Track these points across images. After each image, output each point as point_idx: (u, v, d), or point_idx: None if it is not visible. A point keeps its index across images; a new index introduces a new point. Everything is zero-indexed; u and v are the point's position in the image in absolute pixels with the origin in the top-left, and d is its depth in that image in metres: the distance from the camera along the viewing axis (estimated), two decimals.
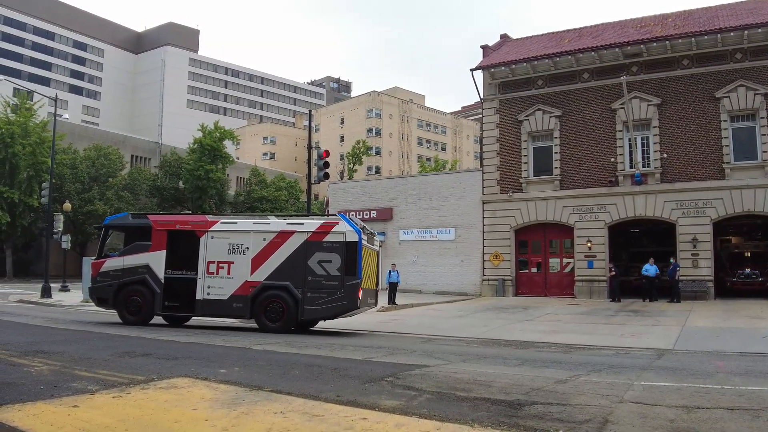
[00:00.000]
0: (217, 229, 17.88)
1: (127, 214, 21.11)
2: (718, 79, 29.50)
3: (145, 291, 17.96)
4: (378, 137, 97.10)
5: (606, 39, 32.88)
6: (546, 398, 8.27)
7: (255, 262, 17.30)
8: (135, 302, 18.10)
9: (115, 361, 11.03)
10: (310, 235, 17.07)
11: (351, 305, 16.91)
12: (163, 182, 62.64)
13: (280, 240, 17.22)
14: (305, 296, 16.80)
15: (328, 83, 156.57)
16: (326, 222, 17.52)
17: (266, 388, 8.50)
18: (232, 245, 17.53)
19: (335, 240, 16.92)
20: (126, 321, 18.13)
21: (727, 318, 21.07)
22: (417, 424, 6.69)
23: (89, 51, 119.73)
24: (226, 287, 17.36)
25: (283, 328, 16.91)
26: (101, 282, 18.63)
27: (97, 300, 18.93)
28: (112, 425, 6.54)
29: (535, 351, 14.22)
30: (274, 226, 17.72)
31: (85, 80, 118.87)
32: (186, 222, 18.79)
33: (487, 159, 35.09)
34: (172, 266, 17.93)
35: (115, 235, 19.75)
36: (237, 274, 17.35)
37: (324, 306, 16.81)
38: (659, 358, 12.91)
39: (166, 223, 18.62)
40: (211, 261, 17.59)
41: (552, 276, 33.01)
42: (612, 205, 31.15)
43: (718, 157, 29.21)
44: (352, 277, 16.80)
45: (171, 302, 17.82)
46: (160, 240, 18.08)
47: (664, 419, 7.18)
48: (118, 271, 18.31)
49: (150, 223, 18.55)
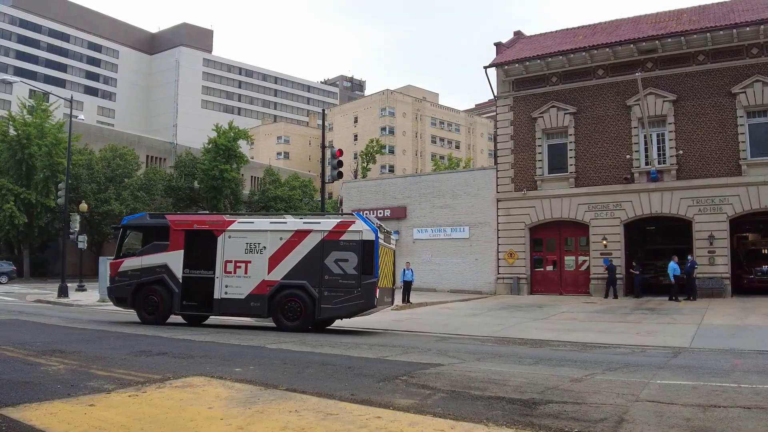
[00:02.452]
0: (234, 228, 17.94)
1: (145, 214, 21.13)
2: (734, 74, 29.21)
3: (163, 290, 18.06)
4: (391, 136, 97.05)
5: (620, 35, 32.66)
6: (561, 397, 8.24)
7: (272, 261, 17.34)
8: (152, 302, 18.21)
9: (131, 360, 11.11)
10: (327, 234, 17.09)
11: (368, 304, 16.93)
12: (179, 182, 62.96)
13: (296, 239, 17.25)
14: (322, 295, 16.83)
15: (341, 82, 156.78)
16: (343, 221, 17.53)
17: (281, 387, 8.53)
18: (249, 244, 17.59)
19: (352, 239, 16.94)
20: (144, 320, 18.27)
21: (744, 316, 20.88)
22: (431, 422, 6.68)
23: (104, 52, 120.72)
24: (243, 286, 17.43)
25: (301, 326, 16.95)
26: (120, 282, 18.76)
27: (116, 299, 19.04)
28: (128, 424, 6.59)
29: (550, 349, 14.16)
30: (290, 225, 17.77)
31: (100, 81, 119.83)
32: (203, 222, 18.88)
33: (502, 157, 34.98)
34: (190, 266, 18.04)
35: (132, 235, 19.87)
36: (254, 274, 17.41)
37: (341, 305, 16.83)
38: (675, 356, 12.82)
39: (184, 223, 18.70)
40: (229, 260, 17.65)
41: (567, 274, 32.84)
42: (627, 203, 30.94)
43: (734, 153, 28.94)
44: (369, 275, 16.79)
45: (189, 301, 17.93)
46: (178, 240, 18.18)
47: (680, 418, 7.12)
48: (136, 270, 18.44)
49: (168, 223, 18.64)
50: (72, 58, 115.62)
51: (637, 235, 35.15)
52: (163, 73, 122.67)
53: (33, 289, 38.85)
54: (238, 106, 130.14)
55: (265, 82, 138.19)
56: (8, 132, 52.47)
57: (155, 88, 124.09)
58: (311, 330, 17.32)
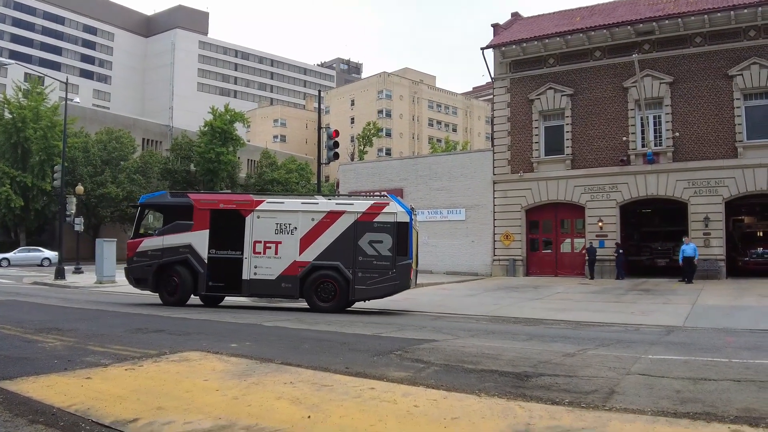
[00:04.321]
0: (264, 208, 17.69)
1: (165, 192, 20.64)
2: (731, 56, 29.15)
3: (187, 271, 17.65)
4: (388, 119, 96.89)
5: (618, 17, 32.55)
6: (553, 370, 8.33)
7: (304, 242, 17.22)
8: (174, 283, 17.82)
9: (128, 337, 11.19)
10: (361, 216, 17.08)
11: (403, 285, 17.15)
12: (175, 165, 62.84)
13: (329, 220, 17.18)
14: (356, 276, 16.85)
15: (338, 65, 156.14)
16: (377, 202, 17.53)
17: (276, 361, 8.61)
18: (280, 225, 17.40)
19: (386, 220, 16.98)
20: (166, 302, 17.89)
21: (738, 297, 21.00)
22: (424, 393, 6.77)
23: (99, 35, 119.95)
24: (273, 267, 17.24)
25: (336, 307, 16.94)
26: (139, 262, 18.16)
27: (135, 281, 18.39)
28: (124, 395, 6.66)
29: (544, 327, 14.27)
30: (322, 206, 17.62)
31: (96, 64, 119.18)
32: (230, 201, 18.53)
33: (498, 139, 34.96)
34: (216, 246, 17.64)
35: (150, 214, 19.60)
36: (285, 254, 17.25)
37: (376, 286, 16.89)
38: (668, 334, 12.93)
39: (209, 202, 18.31)
40: (258, 241, 17.42)
41: (563, 255, 32.97)
42: (624, 185, 30.99)
43: (730, 135, 28.95)
44: (404, 257, 16.95)
45: (216, 282, 17.59)
46: (203, 219, 17.76)
47: (670, 390, 7.22)
48: (157, 251, 17.93)
49: (191, 202, 18.24)
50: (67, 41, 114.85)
51: (633, 217, 35.27)
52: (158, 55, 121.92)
53: (30, 272, 38.87)
54: (234, 89, 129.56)
55: (262, 64, 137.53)
56: (3, 115, 52.24)
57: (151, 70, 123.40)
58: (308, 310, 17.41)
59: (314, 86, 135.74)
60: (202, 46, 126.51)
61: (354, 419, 5.76)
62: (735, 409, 6.27)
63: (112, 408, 6.18)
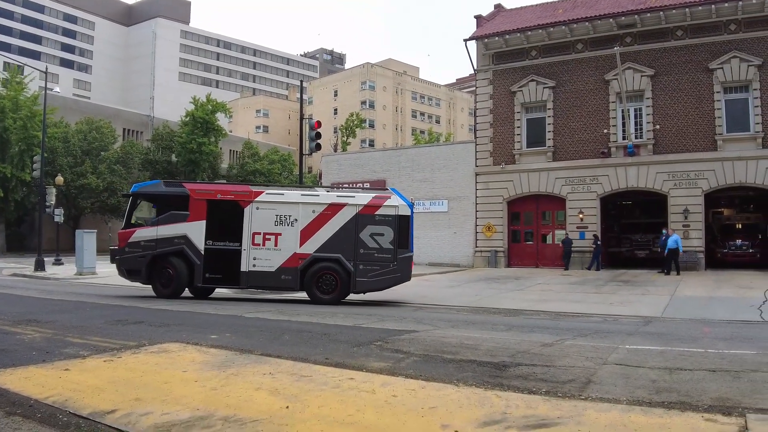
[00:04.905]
0: (263, 200, 17.53)
1: (159, 181, 20.25)
2: (711, 50, 29.37)
3: (182, 262, 17.33)
4: (372, 110, 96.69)
5: (600, 9, 32.66)
6: (531, 360, 8.42)
7: (304, 234, 17.17)
8: (167, 274, 17.48)
9: (107, 329, 11.15)
10: (362, 209, 17.14)
11: (405, 277, 17.37)
12: (156, 155, 62.30)
13: (330, 212, 17.17)
14: (357, 268, 16.92)
15: (321, 55, 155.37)
16: (378, 195, 17.63)
17: (256, 352, 8.63)
18: (279, 216, 17.30)
19: (387, 213, 17.09)
20: (160, 294, 17.58)
21: (716, 288, 21.25)
22: (403, 383, 6.83)
23: (80, 24, 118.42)
24: (273, 259, 17.14)
25: (336, 299, 16.98)
26: (131, 253, 17.65)
27: (127, 272, 17.89)
28: (102, 386, 6.66)
29: (523, 318, 14.39)
30: (323, 198, 17.60)
31: (76, 53, 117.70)
32: (228, 192, 18.26)
33: (481, 130, 35.03)
34: (213, 237, 17.39)
35: (142, 203, 19.21)
36: (285, 246, 17.17)
37: (377, 278, 17.00)
38: (646, 324, 13.09)
39: (206, 192, 18.02)
40: (257, 232, 17.28)
41: (544, 247, 33.17)
42: (604, 177, 31.20)
43: (710, 128, 29.21)
44: (405, 249, 17.18)
45: (213, 274, 17.36)
46: (200, 210, 17.45)
47: (646, 380, 7.33)
48: (150, 241, 17.49)
49: (187, 192, 17.85)
50: (47, 30, 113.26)
51: (614, 209, 35.54)
52: (139, 45, 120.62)
53: (9, 264, 38.48)
54: (216, 79, 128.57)
55: (244, 54, 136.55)
56: None
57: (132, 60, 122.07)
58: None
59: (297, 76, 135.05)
60: (183, 36, 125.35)
61: (332, 409, 5.80)
62: (709, 399, 6.39)
63: (90, 399, 6.18)
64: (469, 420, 5.51)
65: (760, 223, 33.42)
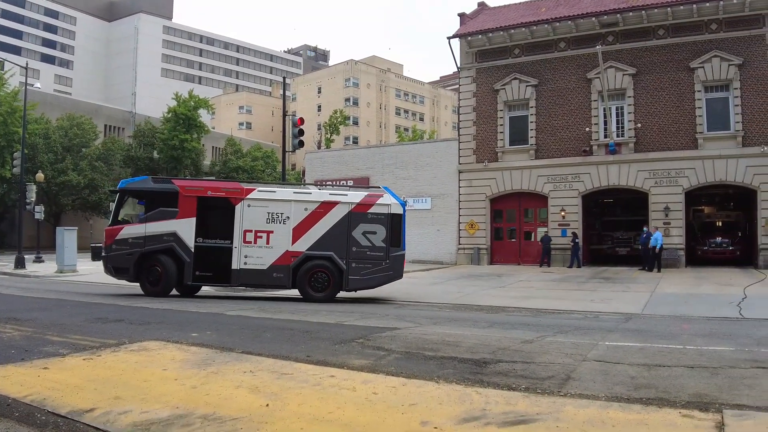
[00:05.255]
0: (255, 197, 17.41)
1: (148, 177, 19.92)
2: (693, 49, 29.63)
3: (171, 260, 17.11)
4: (355, 107, 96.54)
5: (583, 8, 32.83)
6: (511, 357, 8.47)
7: (296, 231, 17.11)
8: (156, 272, 17.24)
9: (87, 327, 11.08)
10: (354, 207, 17.15)
11: (397, 275, 17.40)
12: (137, 152, 61.78)
13: (322, 210, 17.13)
14: (350, 266, 16.93)
15: (305, 52, 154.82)
16: (370, 194, 17.65)
17: (237, 350, 8.61)
18: (271, 214, 17.18)
19: (380, 212, 17.14)
20: (148, 292, 17.34)
21: (697, 285, 21.47)
22: (384, 380, 6.85)
23: (61, 19, 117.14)
24: (265, 257, 17.04)
25: (329, 297, 16.97)
26: (118, 250, 17.33)
27: (114, 270, 17.56)
28: (81, 385, 6.63)
29: (505, 315, 14.47)
30: (315, 196, 17.58)
31: (57, 49, 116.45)
32: (218, 189, 18.07)
33: (464, 128, 35.12)
34: (204, 234, 17.24)
35: (130, 200, 18.80)
36: (277, 244, 17.08)
37: (369, 276, 17.05)
38: (626, 321, 13.20)
39: (196, 189, 17.75)
40: (248, 230, 17.15)
41: (526, 244, 33.31)
42: (586, 175, 31.39)
43: (691, 127, 29.47)
44: (397, 248, 17.23)
45: (203, 272, 17.17)
46: (190, 207, 17.24)
47: (625, 376, 7.40)
48: (139, 238, 17.24)
49: (177, 189, 17.62)
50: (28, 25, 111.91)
51: (595, 207, 35.77)
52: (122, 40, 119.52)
53: None
54: (199, 75, 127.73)
55: (227, 50, 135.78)
56: None
57: (114, 56, 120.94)
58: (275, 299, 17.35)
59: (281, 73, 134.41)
60: (166, 31, 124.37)
61: (312, 407, 5.80)
62: (687, 395, 6.46)
63: (69, 398, 6.15)
64: (448, 417, 5.53)
65: (740, 220, 33.77)
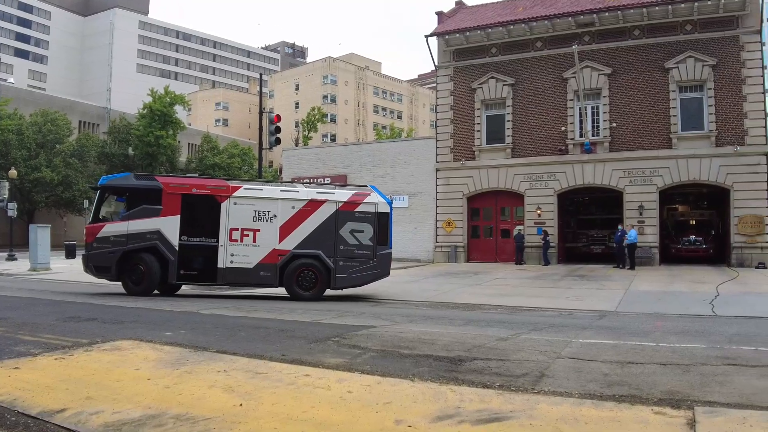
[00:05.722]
0: (241, 195, 17.23)
1: (130, 174, 19.40)
2: (668, 49, 29.96)
3: (154, 259, 16.79)
4: (333, 104, 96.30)
5: (559, 8, 33.05)
6: (486, 354, 8.51)
7: (283, 230, 17.01)
8: (139, 271, 16.90)
9: (60, 326, 10.95)
10: (342, 205, 17.14)
11: (383, 273, 17.56)
12: (112, 149, 61.20)
13: (310, 209, 17.08)
14: (337, 265, 16.94)
15: (282, 48, 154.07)
16: (358, 192, 17.64)
17: (211, 349, 8.56)
18: (258, 212, 17.05)
19: (367, 210, 17.17)
20: (130, 291, 16.99)
21: (670, 282, 21.73)
22: (359, 379, 6.85)
23: (35, 13, 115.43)
24: (251, 255, 16.90)
25: (316, 295, 16.94)
26: (100, 249, 16.93)
27: (95, 269, 17.12)
28: (53, 385, 6.55)
29: (481, 312, 14.53)
30: (303, 194, 17.51)
31: (31, 44, 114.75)
32: (204, 186, 17.78)
33: (441, 127, 35.19)
34: (188, 233, 16.94)
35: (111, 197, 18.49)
36: (264, 242, 16.94)
37: (357, 274, 17.09)
38: (600, 318, 13.31)
39: (180, 186, 17.50)
40: (235, 228, 16.96)
41: (503, 242, 33.48)
42: (561, 173, 31.62)
43: (665, 126, 29.81)
44: (384, 246, 17.34)
45: (188, 271, 16.97)
46: (174, 204, 16.94)
47: (598, 373, 7.47)
48: (121, 236, 16.87)
49: (160, 186, 17.31)
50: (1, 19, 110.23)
51: (571, 205, 36.06)
52: (97, 35, 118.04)
53: None
54: (175, 71, 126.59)
55: (204, 46, 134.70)
56: None
57: (89, 51, 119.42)
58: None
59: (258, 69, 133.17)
60: (142, 27, 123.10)
61: (286, 406, 5.78)
62: (659, 392, 6.54)
63: (40, 398, 6.08)
64: (423, 415, 5.55)
65: (713, 219, 34.22)
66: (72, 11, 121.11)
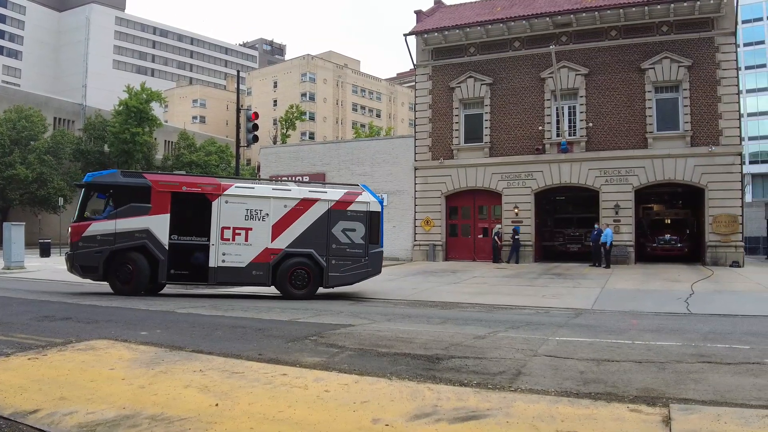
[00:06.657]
0: (233, 193, 17.08)
1: (116, 171, 19.05)
2: (644, 50, 30.26)
3: (143, 258, 16.53)
4: (312, 102, 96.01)
5: (537, 8, 33.23)
6: (464, 353, 8.54)
7: (276, 228, 16.98)
8: (127, 270, 16.57)
9: (33, 325, 10.80)
10: (334, 204, 17.23)
11: (375, 271, 17.77)
12: (88, 146, 60.52)
13: (302, 207, 17.10)
14: (330, 263, 17.00)
15: (261, 45, 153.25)
16: (350, 191, 17.73)
17: (187, 349, 8.49)
18: (250, 211, 16.97)
19: (359, 209, 17.32)
20: (118, 291, 16.65)
21: (645, 281, 21.96)
22: (336, 378, 6.83)
23: (9, 8, 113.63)
24: (244, 254, 16.79)
25: (309, 294, 16.95)
26: (86, 248, 16.53)
27: (81, 269, 16.67)
28: (25, 385, 6.46)
29: (459, 311, 14.58)
30: (295, 193, 17.47)
31: (6, 39, 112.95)
32: (194, 184, 17.61)
33: (420, 125, 35.24)
34: (179, 231, 16.73)
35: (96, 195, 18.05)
36: (256, 241, 16.87)
37: (349, 273, 17.23)
38: (577, 316, 13.42)
39: (170, 184, 17.21)
40: (226, 227, 16.81)
41: (481, 241, 33.62)
42: (539, 173, 31.81)
43: (641, 126, 30.10)
44: (376, 245, 17.51)
45: (178, 270, 16.78)
46: (163, 202, 16.68)
47: (574, 371, 7.52)
48: (108, 235, 16.48)
49: (149, 183, 16.99)
50: None
51: (548, 204, 36.28)
52: (72, 31, 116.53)
53: None
54: (151, 68, 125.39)
55: (181, 42, 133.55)
56: None
57: (64, 46, 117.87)
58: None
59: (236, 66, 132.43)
60: (118, 22, 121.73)
61: (263, 406, 5.75)
62: (635, 389, 6.60)
63: (13, 399, 5.99)
64: (400, 413, 5.55)
65: (688, 218, 34.59)
66: (47, 6, 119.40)
